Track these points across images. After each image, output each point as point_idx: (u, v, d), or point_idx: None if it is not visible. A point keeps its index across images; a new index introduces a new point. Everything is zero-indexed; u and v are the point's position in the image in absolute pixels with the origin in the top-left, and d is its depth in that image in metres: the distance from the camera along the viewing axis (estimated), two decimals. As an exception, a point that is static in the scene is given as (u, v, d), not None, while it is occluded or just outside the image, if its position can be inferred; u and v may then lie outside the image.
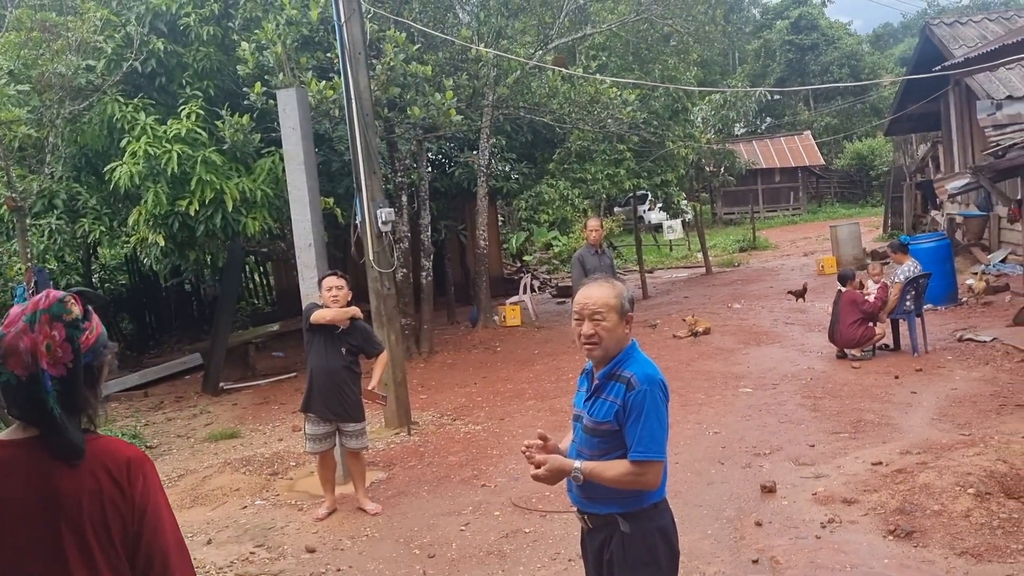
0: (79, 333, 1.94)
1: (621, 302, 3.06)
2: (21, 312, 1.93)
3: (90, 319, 2.02)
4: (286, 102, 7.36)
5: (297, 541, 5.93)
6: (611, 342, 3.06)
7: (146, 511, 1.97)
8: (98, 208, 11.63)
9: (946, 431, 7.00)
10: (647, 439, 2.91)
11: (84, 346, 1.96)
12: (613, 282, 3.16)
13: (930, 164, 23.46)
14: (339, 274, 6.39)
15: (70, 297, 1.97)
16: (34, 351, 1.89)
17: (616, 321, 3.05)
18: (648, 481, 2.95)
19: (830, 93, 41.42)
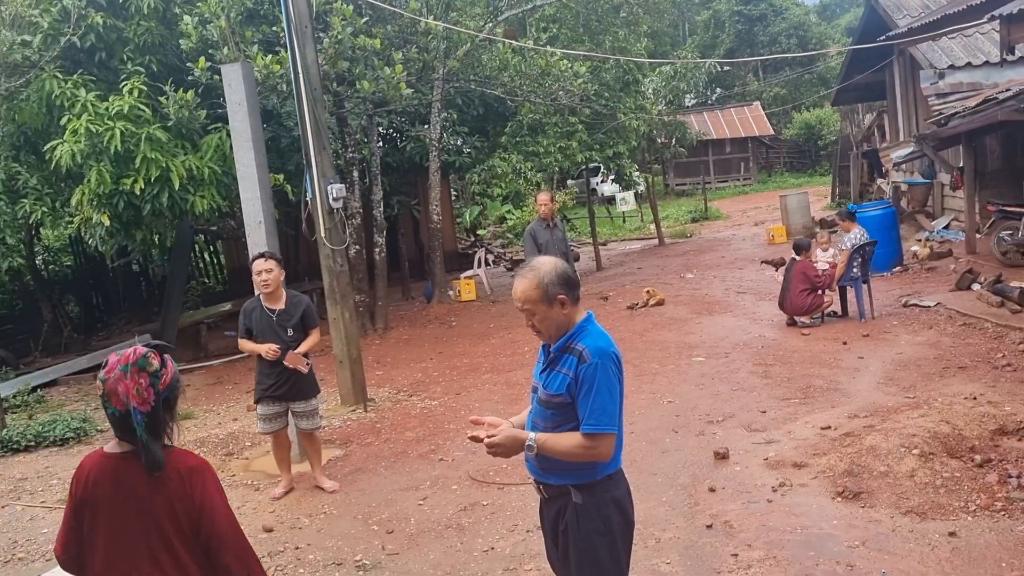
0: (158, 380, 2.61)
1: (542, 290, 3.02)
2: (117, 362, 2.60)
3: (166, 366, 2.67)
4: (231, 77, 7.22)
5: (254, 521, 5.89)
6: (551, 328, 3.08)
7: (204, 506, 2.61)
8: (39, 188, 11.33)
9: (892, 394, 7.17)
10: (598, 412, 2.93)
11: (162, 387, 2.62)
12: (535, 269, 3.08)
13: (876, 133, 23.87)
14: (268, 255, 6.16)
15: (151, 353, 2.64)
16: (127, 394, 2.56)
17: (545, 309, 3.04)
18: (600, 453, 2.97)
19: (779, 64, 41.77)
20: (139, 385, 2.57)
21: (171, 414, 2.67)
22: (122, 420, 2.57)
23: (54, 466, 7.95)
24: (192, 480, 2.62)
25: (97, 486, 2.60)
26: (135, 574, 2.57)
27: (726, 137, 38.09)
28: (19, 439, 8.59)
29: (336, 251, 8.50)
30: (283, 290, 6.16)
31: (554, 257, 3.20)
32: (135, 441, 2.56)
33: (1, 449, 8.50)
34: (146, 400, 2.57)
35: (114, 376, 2.58)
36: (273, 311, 6.07)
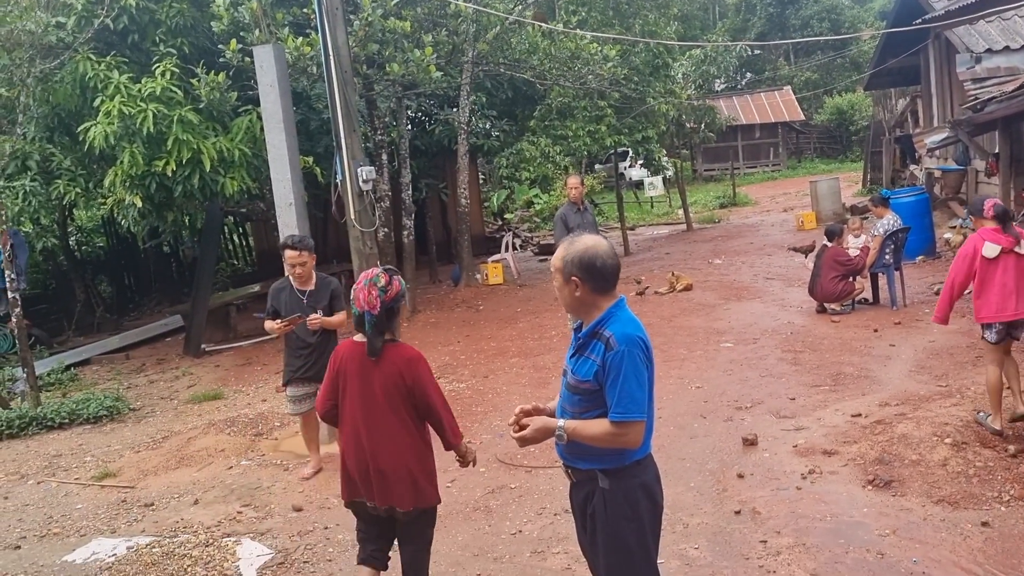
0: (384, 293, 3.70)
1: (563, 263, 3.04)
2: (362, 277, 3.73)
3: (392, 284, 3.74)
4: (263, 59, 7.24)
5: (284, 500, 5.96)
6: (565, 301, 3.11)
7: (416, 381, 3.76)
8: (73, 169, 11.44)
9: (924, 383, 7.10)
10: (626, 400, 2.92)
11: (387, 299, 3.71)
12: (572, 243, 3.08)
13: (909, 118, 23.52)
14: (301, 247, 6.06)
15: (383, 274, 3.74)
16: (364, 299, 3.68)
17: (561, 282, 3.06)
18: (629, 440, 2.96)
19: (810, 48, 41.23)
20: (371, 295, 3.68)
21: (393, 321, 3.78)
22: (359, 319, 3.72)
23: (87, 443, 8.07)
24: (408, 365, 3.77)
25: (345, 362, 3.85)
26: (367, 419, 3.78)
27: (756, 122, 37.67)
28: (53, 416, 8.73)
29: (365, 233, 8.51)
30: (313, 272, 6.19)
31: (604, 243, 3.11)
32: (365, 334, 3.73)
33: (36, 426, 8.63)
34: (374, 305, 3.69)
35: (358, 287, 3.74)
36: (303, 292, 6.11)
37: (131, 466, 7.09)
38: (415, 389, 3.75)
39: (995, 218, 5.84)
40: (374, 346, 3.72)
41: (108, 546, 5.41)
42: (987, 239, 5.79)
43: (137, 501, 6.23)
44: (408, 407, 3.78)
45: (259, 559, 5.02)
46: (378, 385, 3.74)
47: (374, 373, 3.74)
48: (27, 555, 5.42)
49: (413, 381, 3.75)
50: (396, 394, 3.75)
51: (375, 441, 3.78)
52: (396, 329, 3.82)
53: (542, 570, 4.58)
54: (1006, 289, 5.72)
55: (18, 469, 7.36)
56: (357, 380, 3.79)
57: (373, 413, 3.77)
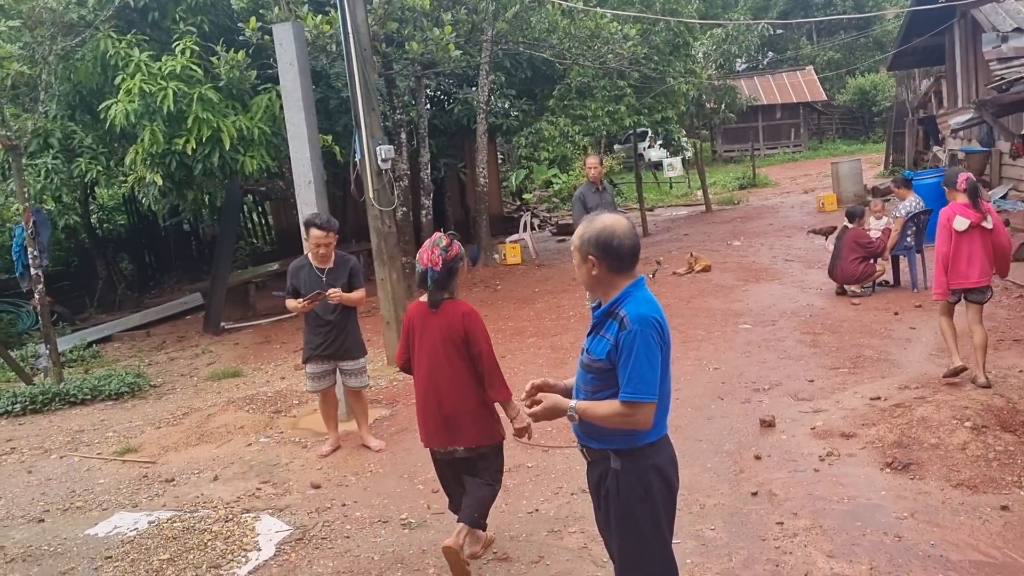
0: (445, 253, 4.23)
1: (581, 241, 3.03)
2: (428, 240, 4.28)
3: (453, 246, 4.29)
4: (282, 37, 7.23)
5: (302, 477, 6.01)
6: (583, 280, 3.10)
7: (469, 333, 4.29)
8: (94, 147, 11.50)
9: (944, 366, 7.01)
10: (636, 380, 2.90)
11: (448, 258, 4.24)
12: (591, 221, 3.06)
13: (933, 99, 23.22)
14: (323, 225, 6.04)
15: (445, 237, 4.29)
16: (427, 258, 4.22)
17: (578, 261, 3.06)
18: (637, 421, 2.94)
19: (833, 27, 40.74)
20: (433, 254, 4.23)
21: (453, 278, 4.34)
22: (423, 275, 4.28)
23: (109, 419, 8.17)
24: (464, 318, 4.32)
25: (413, 318, 4.46)
26: (432, 367, 4.35)
27: (777, 103, 37.34)
28: (76, 392, 8.84)
29: (384, 212, 8.54)
30: (332, 251, 6.21)
31: (624, 222, 3.07)
32: (427, 290, 4.29)
33: (59, 402, 8.74)
34: (436, 263, 4.22)
35: (423, 248, 4.30)
36: (322, 270, 6.13)
37: (152, 442, 7.17)
38: (469, 339, 4.30)
39: (967, 192, 6.32)
40: (435, 299, 4.30)
41: (130, 520, 5.48)
42: (958, 213, 6.28)
43: (158, 476, 6.30)
44: (465, 355, 4.32)
45: (278, 535, 5.07)
46: (439, 336, 4.32)
47: (435, 325, 4.33)
48: (50, 528, 5.50)
49: (467, 332, 4.29)
50: (453, 344, 4.31)
51: (440, 388, 4.35)
52: (455, 288, 4.37)
53: (558, 549, 4.60)
54: (970, 259, 6.31)
55: (41, 444, 7.46)
56: (422, 333, 4.38)
57: (437, 362, 4.34)
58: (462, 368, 4.33)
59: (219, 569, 4.69)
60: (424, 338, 4.37)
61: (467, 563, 4.27)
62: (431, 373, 4.36)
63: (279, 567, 4.68)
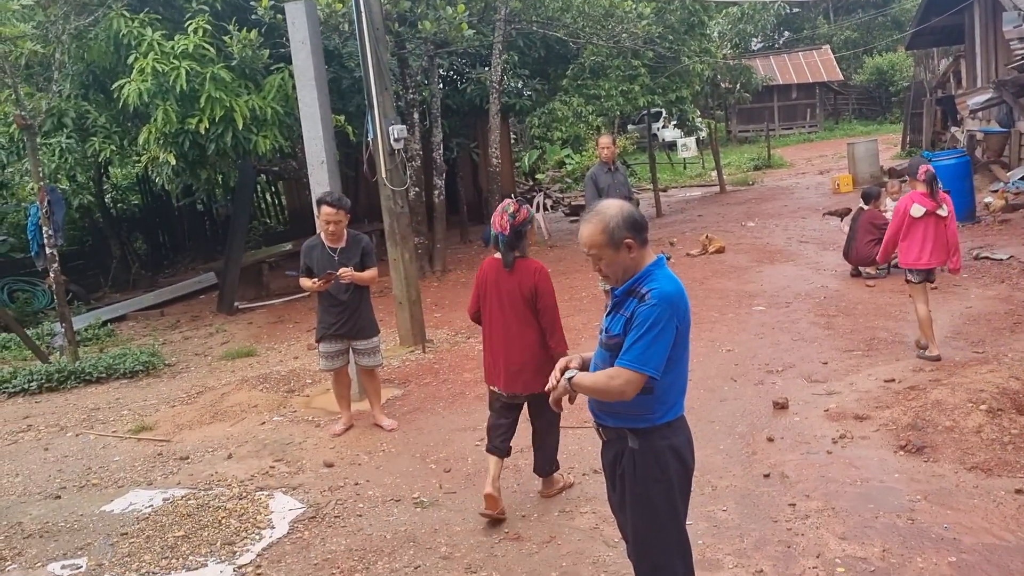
0: (513, 218, 4.66)
1: (608, 235, 2.97)
2: (499, 206, 4.74)
3: (520, 212, 4.70)
4: (295, 15, 7.20)
5: (315, 456, 6.04)
6: (617, 272, 3.04)
7: (538, 290, 4.72)
8: (108, 127, 11.51)
9: (960, 349, 7.01)
10: (639, 350, 2.88)
11: (516, 223, 4.67)
12: (600, 213, 3.03)
13: (951, 79, 22.96)
14: (339, 205, 6.06)
15: (513, 203, 4.74)
16: (498, 222, 4.68)
17: (611, 254, 2.99)
18: (623, 391, 2.91)
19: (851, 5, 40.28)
20: (503, 219, 4.68)
21: (522, 239, 4.78)
22: (495, 238, 4.78)
23: (124, 397, 8.22)
24: (533, 275, 4.77)
25: (486, 274, 4.90)
26: (501, 319, 4.84)
27: (792, 82, 36.98)
28: (91, 371, 8.90)
29: (397, 192, 8.53)
30: (344, 230, 6.20)
31: (620, 200, 3.14)
32: (499, 250, 4.77)
33: (74, 380, 8.81)
34: (505, 228, 4.69)
35: (495, 213, 4.77)
36: (334, 249, 6.13)
37: (167, 420, 7.22)
38: (537, 295, 4.74)
39: (925, 183, 6.86)
40: (506, 260, 4.77)
41: (145, 497, 5.53)
42: (916, 201, 6.86)
43: (172, 454, 6.34)
44: (533, 310, 4.77)
45: (291, 513, 5.10)
46: (509, 291, 4.79)
47: (507, 282, 4.79)
48: (67, 504, 5.55)
49: (535, 289, 4.74)
50: (522, 299, 4.76)
51: (507, 337, 4.82)
52: (525, 247, 4.84)
53: (570, 529, 4.61)
54: (924, 243, 6.87)
55: (57, 421, 7.52)
56: (494, 288, 4.84)
57: (506, 314, 4.81)
58: (530, 321, 4.78)
59: (233, 546, 4.72)
60: (496, 293, 4.83)
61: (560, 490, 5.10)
62: (502, 325, 4.84)
63: (292, 544, 4.71)
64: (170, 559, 4.63)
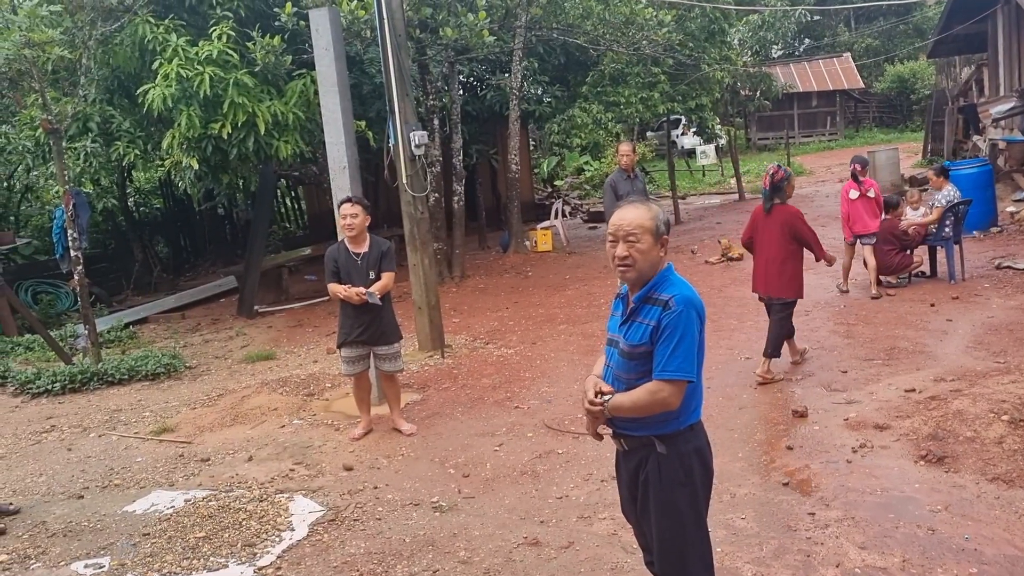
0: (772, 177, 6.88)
1: (656, 224, 3.04)
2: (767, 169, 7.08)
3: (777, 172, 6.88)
4: (319, 22, 7.26)
5: (335, 459, 6.08)
6: (645, 264, 3.04)
7: (794, 226, 6.84)
8: (132, 131, 11.64)
9: (981, 359, 6.96)
10: (679, 358, 2.92)
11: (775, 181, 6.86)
12: (649, 204, 3.14)
13: (974, 88, 22.81)
14: (355, 200, 6.22)
15: (773, 168, 6.96)
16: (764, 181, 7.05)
17: (650, 243, 3.03)
18: (668, 401, 2.94)
19: (872, 13, 40.05)
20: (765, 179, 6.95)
21: (778, 192, 6.84)
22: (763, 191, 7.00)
23: (146, 399, 8.31)
24: (790, 216, 6.84)
25: (757, 216, 7.05)
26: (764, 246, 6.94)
27: (812, 90, 36.84)
28: (114, 372, 8.99)
29: (417, 198, 8.57)
30: (367, 234, 6.25)
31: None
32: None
33: (97, 381, 8.90)
34: (765, 184, 6.92)
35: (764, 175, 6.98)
36: (358, 254, 6.18)
37: (188, 422, 7.28)
38: (794, 229, 6.83)
39: (852, 175, 9.93)
40: (767, 206, 6.94)
41: (166, 498, 5.58)
42: (851, 188, 9.89)
43: (194, 456, 6.40)
44: (790, 240, 6.85)
45: (311, 515, 5.14)
46: (771, 227, 6.88)
47: (770, 221, 6.92)
48: (90, 504, 5.61)
49: (792, 225, 6.84)
50: (781, 233, 6.83)
51: (769, 260, 6.95)
52: (783, 196, 6.90)
53: (588, 535, 4.62)
54: (862, 216, 9.79)
55: (80, 422, 7.60)
56: (763, 226, 6.97)
57: (770, 244, 6.92)
58: (786, 249, 6.85)
59: (253, 547, 4.76)
60: (763, 229, 6.96)
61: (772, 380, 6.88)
62: (765, 251, 6.96)
63: (312, 547, 4.74)
64: (191, 560, 4.67)
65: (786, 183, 6.82)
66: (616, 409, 3.02)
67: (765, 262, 6.95)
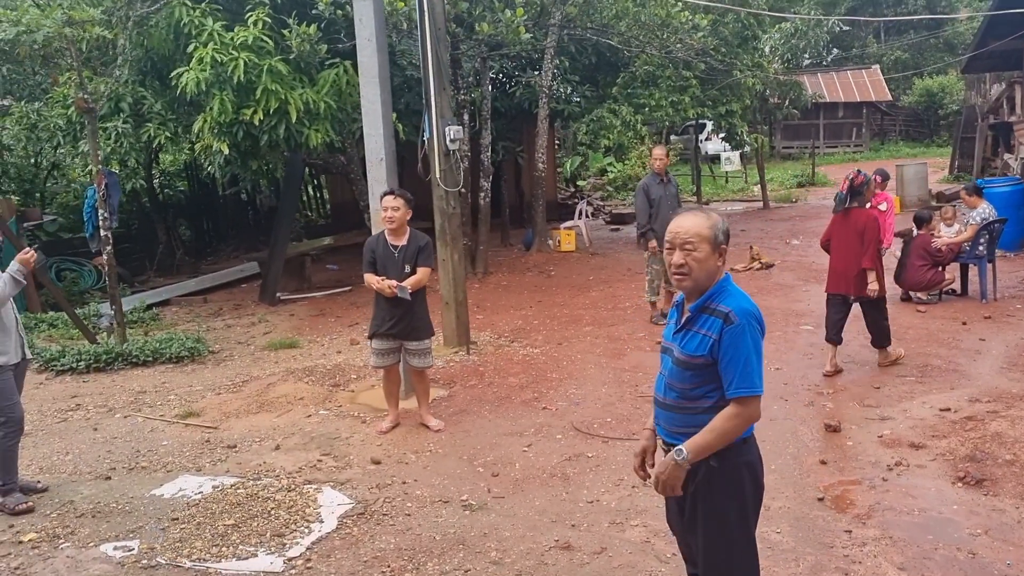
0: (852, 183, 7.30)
1: (715, 233, 2.99)
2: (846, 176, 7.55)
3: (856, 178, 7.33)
4: (362, 12, 7.22)
5: (362, 452, 6.05)
6: (701, 273, 2.99)
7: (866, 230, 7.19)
8: (163, 113, 11.63)
9: (1016, 380, 6.88)
10: (751, 374, 2.90)
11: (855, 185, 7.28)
12: (708, 212, 3.10)
13: (1004, 105, 22.56)
14: (398, 193, 6.23)
15: (853, 172, 7.41)
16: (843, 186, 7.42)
17: (708, 252, 2.98)
18: (752, 416, 2.94)
19: (902, 26, 39.77)
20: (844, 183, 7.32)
21: (856, 197, 7.23)
22: (837, 195, 7.41)
23: (170, 382, 8.30)
24: (863, 220, 7.20)
25: (836, 219, 7.42)
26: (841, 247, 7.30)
27: (839, 100, 36.56)
28: (138, 354, 8.99)
29: (450, 193, 8.53)
30: (407, 228, 6.22)
31: None
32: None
33: (121, 362, 8.90)
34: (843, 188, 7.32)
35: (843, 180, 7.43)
36: (396, 247, 6.15)
37: (213, 407, 7.27)
38: (864, 232, 7.15)
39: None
40: (844, 208, 7.30)
41: (194, 483, 5.57)
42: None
43: (220, 442, 6.39)
44: (862, 242, 7.14)
45: (340, 508, 5.11)
46: (849, 230, 7.24)
47: (847, 223, 7.28)
48: (117, 486, 5.60)
49: (864, 229, 7.17)
50: (855, 235, 7.19)
51: (844, 259, 7.27)
52: (861, 200, 7.32)
53: (621, 541, 4.57)
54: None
55: (106, 402, 7.60)
56: (840, 227, 7.34)
57: (846, 244, 7.25)
58: (859, 251, 7.15)
59: (283, 538, 4.74)
60: (840, 230, 7.32)
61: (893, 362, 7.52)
62: (842, 251, 7.30)
63: (341, 540, 4.71)
64: (221, 547, 4.65)
65: (866, 188, 7.30)
66: (700, 454, 2.93)
67: (843, 263, 7.30)
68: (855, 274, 7.21)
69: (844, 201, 7.25)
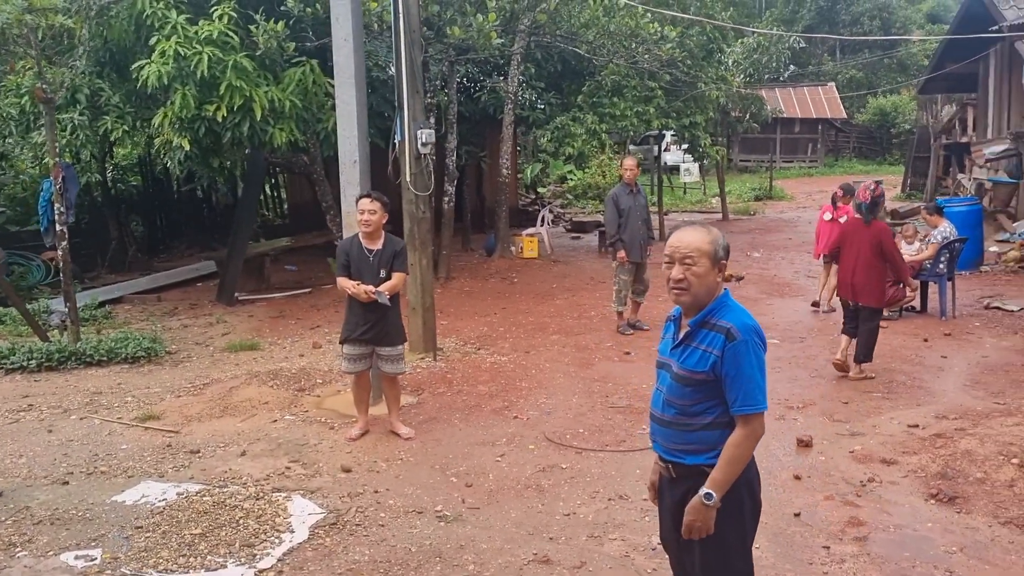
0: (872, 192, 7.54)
1: (715, 248, 2.96)
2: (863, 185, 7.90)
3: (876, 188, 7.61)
4: (339, 11, 7.09)
5: (331, 460, 5.90)
6: (700, 289, 2.96)
7: (883, 243, 7.46)
8: (120, 106, 11.33)
9: (980, 399, 6.97)
10: (755, 391, 2.87)
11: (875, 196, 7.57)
12: (708, 227, 3.06)
13: (957, 126, 23.11)
14: (375, 197, 6.07)
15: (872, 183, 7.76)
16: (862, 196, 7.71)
17: (708, 267, 2.95)
18: (758, 433, 2.92)
19: (857, 45, 40.56)
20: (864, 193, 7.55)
21: (876, 209, 7.55)
22: (858, 206, 7.73)
23: (127, 383, 8.05)
24: (881, 232, 7.46)
25: (849, 227, 7.87)
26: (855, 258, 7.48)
27: (796, 116, 37.15)
28: (92, 353, 8.71)
29: (419, 197, 8.41)
30: (383, 232, 6.10)
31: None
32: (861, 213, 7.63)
33: (75, 361, 8.62)
34: (865, 199, 7.54)
35: (860, 188, 7.75)
36: (371, 251, 6.02)
37: (173, 410, 7.05)
38: (882, 246, 7.38)
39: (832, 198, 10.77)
40: (867, 219, 7.50)
41: (157, 490, 5.37)
42: (827, 209, 10.79)
43: (183, 447, 6.18)
44: (878, 254, 7.41)
45: (311, 517, 4.97)
46: (864, 240, 7.42)
47: (864, 234, 7.47)
48: (75, 491, 5.38)
49: (882, 241, 7.39)
50: (871, 246, 7.38)
51: (857, 270, 7.47)
52: (879, 213, 7.58)
53: (600, 555, 4.50)
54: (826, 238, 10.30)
55: (60, 403, 7.34)
56: (854, 238, 7.53)
57: (860, 255, 7.43)
58: (872, 261, 7.40)
59: (253, 548, 4.58)
60: (855, 241, 7.51)
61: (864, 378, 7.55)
62: (855, 262, 7.47)
63: (314, 551, 4.57)
64: (188, 557, 4.48)
65: (882, 199, 7.64)
66: (724, 488, 2.90)
67: (852, 271, 7.51)
68: (863, 282, 7.45)
69: (870, 211, 7.48)
